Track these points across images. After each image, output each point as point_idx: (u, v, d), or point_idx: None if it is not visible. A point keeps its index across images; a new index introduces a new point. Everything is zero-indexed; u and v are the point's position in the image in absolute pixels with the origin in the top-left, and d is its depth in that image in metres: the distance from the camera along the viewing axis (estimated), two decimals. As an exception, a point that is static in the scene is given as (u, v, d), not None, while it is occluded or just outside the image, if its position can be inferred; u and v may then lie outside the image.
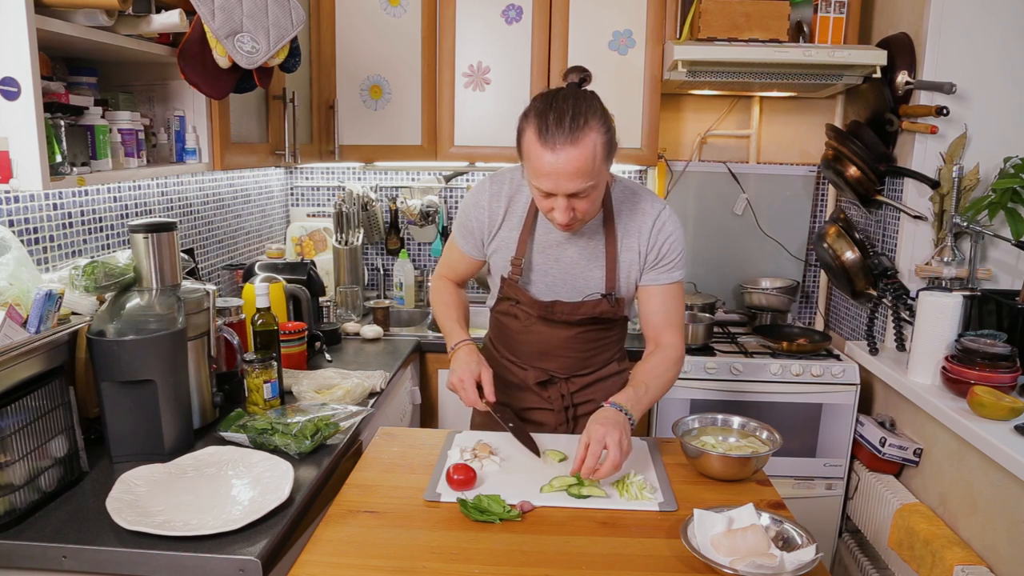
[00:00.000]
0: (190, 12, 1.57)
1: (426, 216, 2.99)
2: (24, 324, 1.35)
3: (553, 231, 1.56)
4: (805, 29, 2.55)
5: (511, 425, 1.57)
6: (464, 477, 1.37)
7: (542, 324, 1.67)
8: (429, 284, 1.85)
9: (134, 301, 1.51)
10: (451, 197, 3.07)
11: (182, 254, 1.81)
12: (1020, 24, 2.19)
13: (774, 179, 2.94)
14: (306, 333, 2.13)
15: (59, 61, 1.57)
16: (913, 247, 2.34)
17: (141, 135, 1.68)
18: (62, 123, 1.38)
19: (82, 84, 1.58)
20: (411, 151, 2.71)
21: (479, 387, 1.54)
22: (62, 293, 1.42)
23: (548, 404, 1.74)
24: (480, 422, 1.79)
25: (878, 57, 2.32)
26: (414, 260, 3.10)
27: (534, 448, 1.53)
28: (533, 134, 1.36)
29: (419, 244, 3.12)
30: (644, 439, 1.63)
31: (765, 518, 1.22)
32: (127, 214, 1.97)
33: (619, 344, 1.78)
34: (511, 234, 1.61)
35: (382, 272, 3.10)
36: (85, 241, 1.81)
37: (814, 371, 2.39)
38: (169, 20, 1.52)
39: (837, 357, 2.48)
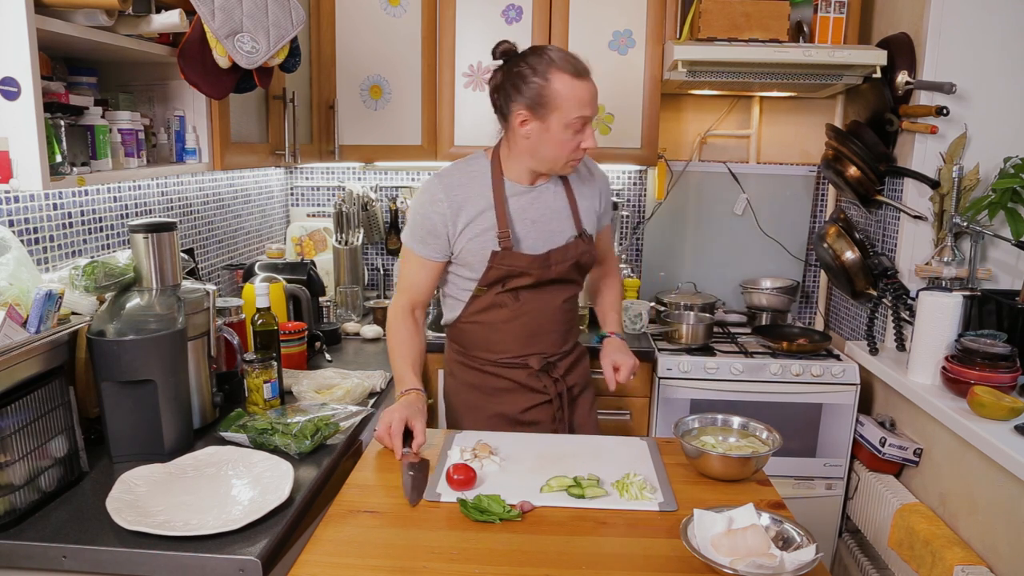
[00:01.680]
0: (190, 12, 1.57)
1: (426, 216, 2.99)
2: (24, 324, 1.35)
3: (521, 200, 1.70)
4: (805, 29, 2.55)
5: (411, 473, 1.40)
6: (464, 477, 1.37)
7: (536, 295, 1.73)
8: (388, 313, 1.79)
9: (134, 301, 1.51)
10: (451, 197, 3.07)
11: (182, 254, 1.81)
12: (1020, 24, 2.19)
13: (774, 179, 2.94)
14: (306, 333, 2.13)
15: (59, 61, 1.57)
16: (913, 247, 2.34)
17: (141, 135, 1.68)
18: (62, 123, 1.38)
19: (82, 84, 1.58)
20: (411, 151, 2.71)
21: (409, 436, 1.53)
22: (62, 293, 1.42)
23: (544, 394, 1.78)
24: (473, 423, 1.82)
25: (878, 57, 2.32)
26: (414, 260, 3.10)
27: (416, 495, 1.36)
28: (566, 73, 1.55)
29: (419, 244, 3.12)
30: (644, 439, 1.63)
31: (765, 518, 1.22)
32: (127, 214, 1.97)
33: (580, 320, 1.98)
34: (484, 215, 1.67)
35: (382, 272, 3.10)
36: (85, 241, 1.81)
37: (814, 371, 2.39)
38: (169, 20, 1.53)
39: (837, 357, 2.48)
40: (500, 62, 1.64)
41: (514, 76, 1.58)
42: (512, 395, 1.78)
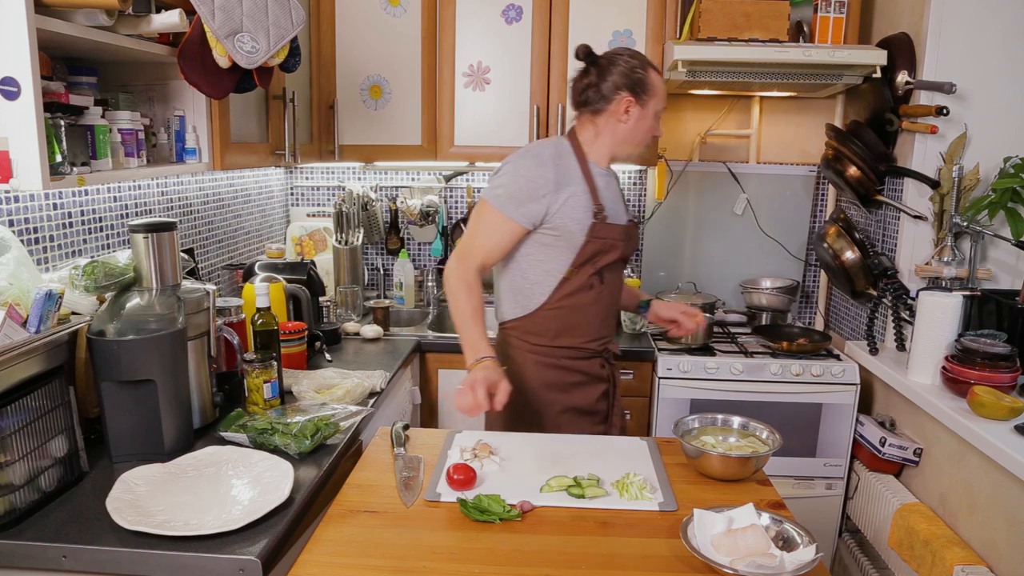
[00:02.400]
0: (190, 12, 1.57)
1: (426, 216, 3.00)
2: (24, 324, 1.35)
3: (601, 180, 1.82)
4: (805, 29, 2.55)
5: (405, 474, 1.44)
6: (464, 477, 1.37)
7: (612, 277, 1.85)
8: (449, 271, 1.74)
9: (134, 301, 1.51)
10: (451, 197, 3.07)
11: (182, 254, 1.82)
12: (1020, 24, 2.19)
13: (774, 179, 2.94)
14: (306, 333, 2.13)
15: (59, 61, 1.57)
16: (913, 247, 2.34)
17: (141, 135, 1.68)
18: (62, 123, 1.38)
19: (82, 84, 1.58)
20: (411, 151, 2.72)
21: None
22: (62, 293, 1.42)
23: (607, 382, 1.90)
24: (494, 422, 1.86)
25: (878, 57, 2.32)
26: (414, 260, 3.11)
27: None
28: (654, 71, 1.80)
29: (419, 244, 3.12)
30: (644, 439, 1.63)
31: (765, 518, 1.22)
32: (127, 214, 1.97)
33: None
34: (580, 189, 1.76)
35: (382, 272, 3.10)
36: (85, 241, 1.81)
37: (814, 371, 2.39)
38: (169, 20, 1.53)
39: (837, 357, 2.48)
40: (583, 64, 1.82)
41: (617, 67, 1.77)
42: (584, 387, 1.86)
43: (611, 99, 1.77)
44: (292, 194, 3.14)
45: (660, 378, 2.41)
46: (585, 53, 1.79)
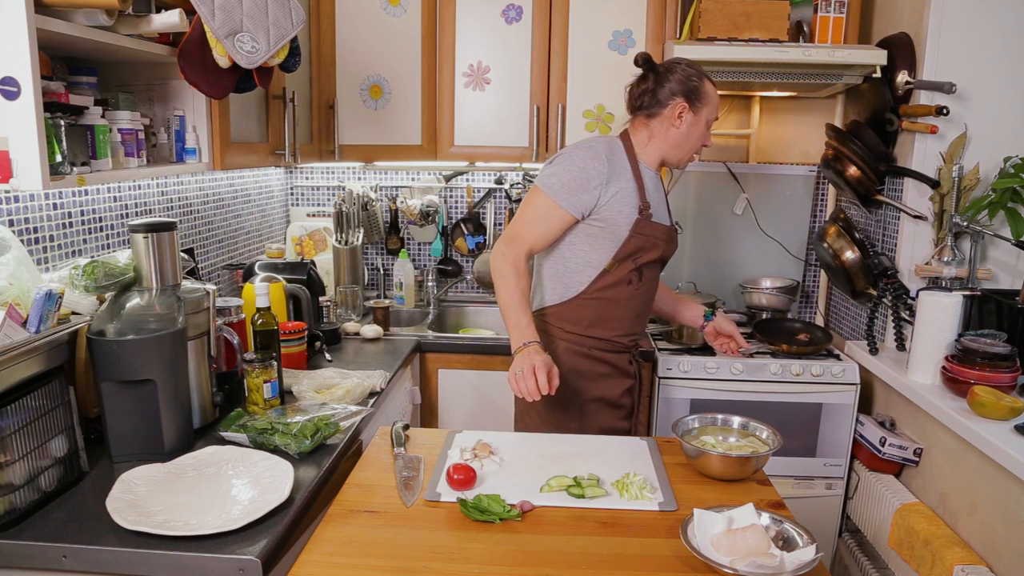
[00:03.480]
0: (190, 12, 1.57)
1: (426, 216, 3.00)
2: (24, 324, 1.35)
3: (650, 181, 1.87)
4: (805, 29, 2.55)
5: (405, 474, 1.46)
6: (464, 477, 1.37)
7: (650, 276, 1.89)
8: (498, 255, 1.76)
9: (134, 301, 1.51)
10: (451, 197, 3.07)
11: (182, 254, 1.82)
12: (1020, 24, 2.19)
13: (774, 179, 2.94)
14: (306, 333, 2.13)
15: (59, 61, 1.57)
16: (913, 247, 2.34)
17: (141, 135, 1.68)
18: (62, 123, 1.38)
19: (82, 84, 1.58)
20: (411, 151, 2.72)
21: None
22: (62, 293, 1.42)
23: (632, 379, 1.95)
24: (524, 412, 1.91)
25: (878, 57, 2.32)
26: (414, 260, 3.11)
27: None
28: (709, 82, 1.86)
29: (419, 244, 3.12)
30: (644, 439, 1.63)
31: (765, 518, 1.22)
32: (127, 214, 1.97)
33: None
34: (629, 186, 1.82)
35: (382, 272, 3.10)
36: (85, 241, 1.81)
37: (814, 371, 2.39)
38: (169, 20, 1.53)
39: (837, 357, 2.48)
40: (640, 70, 1.88)
41: (674, 75, 1.83)
42: (609, 379, 1.90)
43: (666, 104, 1.83)
44: (292, 194, 3.14)
45: (660, 378, 2.41)
46: (644, 60, 1.85)
